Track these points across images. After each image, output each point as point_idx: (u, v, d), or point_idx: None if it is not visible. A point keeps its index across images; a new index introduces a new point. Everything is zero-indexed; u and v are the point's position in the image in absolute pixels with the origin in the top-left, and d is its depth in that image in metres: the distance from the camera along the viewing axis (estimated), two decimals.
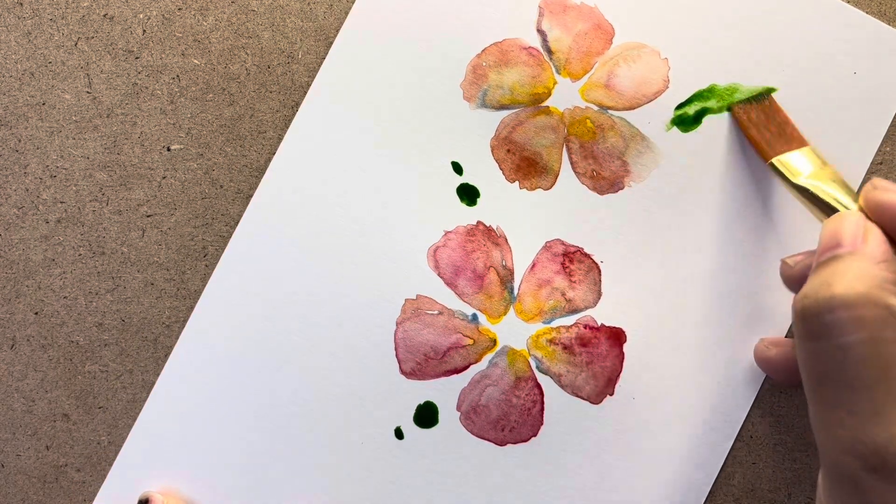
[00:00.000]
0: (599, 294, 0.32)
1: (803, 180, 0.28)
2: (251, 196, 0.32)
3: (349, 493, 0.32)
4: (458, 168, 0.32)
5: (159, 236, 0.32)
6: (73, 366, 0.32)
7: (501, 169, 0.32)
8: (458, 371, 0.32)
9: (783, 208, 0.32)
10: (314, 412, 0.32)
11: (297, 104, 0.32)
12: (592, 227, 0.32)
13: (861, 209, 0.26)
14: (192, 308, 0.32)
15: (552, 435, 0.32)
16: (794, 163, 0.29)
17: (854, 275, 0.23)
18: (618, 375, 0.32)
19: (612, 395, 0.32)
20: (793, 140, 0.30)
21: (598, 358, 0.32)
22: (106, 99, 0.32)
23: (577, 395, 0.32)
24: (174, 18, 0.32)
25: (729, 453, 0.32)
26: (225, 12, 0.32)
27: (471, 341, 0.32)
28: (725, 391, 0.32)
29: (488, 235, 0.32)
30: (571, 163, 0.32)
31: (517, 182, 0.32)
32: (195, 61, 0.32)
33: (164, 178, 0.32)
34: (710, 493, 0.32)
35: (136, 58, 0.32)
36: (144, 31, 0.32)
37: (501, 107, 0.32)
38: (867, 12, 0.32)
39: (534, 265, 0.32)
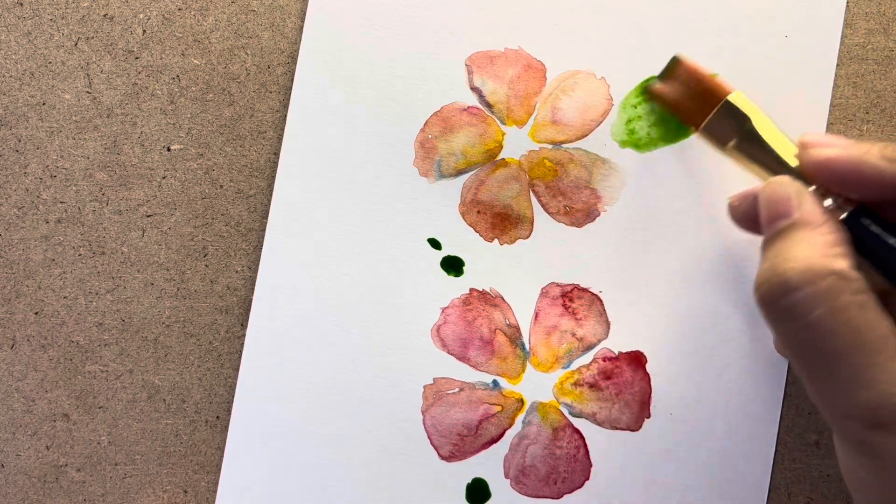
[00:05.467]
0: (608, 324, 0.32)
1: (732, 147, 0.28)
2: (250, 196, 0.32)
3: None
4: (435, 244, 0.32)
5: (159, 236, 0.32)
6: (73, 366, 0.32)
7: (477, 231, 0.32)
8: (495, 440, 0.32)
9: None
10: None
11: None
12: (581, 260, 0.32)
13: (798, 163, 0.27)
14: (192, 308, 0.32)
15: (605, 473, 0.32)
16: (721, 124, 0.29)
17: (798, 251, 0.24)
18: (649, 397, 0.32)
19: (648, 417, 0.32)
20: (715, 95, 0.29)
21: (626, 386, 0.32)
22: (106, 99, 0.32)
23: (617, 428, 0.32)
24: (174, 18, 0.32)
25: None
26: (225, 12, 0.32)
27: (499, 408, 0.32)
28: (754, 380, 0.32)
29: (484, 300, 0.32)
30: (542, 205, 0.32)
31: (496, 239, 0.32)
32: (195, 61, 0.32)
33: (164, 178, 0.32)
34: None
35: (136, 58, 0.32)
36: (144, 31, 0.32)
37: (459, 172, 0.32)
38: (867, 12, 0.32)
39: (537, 315, 0.32)
